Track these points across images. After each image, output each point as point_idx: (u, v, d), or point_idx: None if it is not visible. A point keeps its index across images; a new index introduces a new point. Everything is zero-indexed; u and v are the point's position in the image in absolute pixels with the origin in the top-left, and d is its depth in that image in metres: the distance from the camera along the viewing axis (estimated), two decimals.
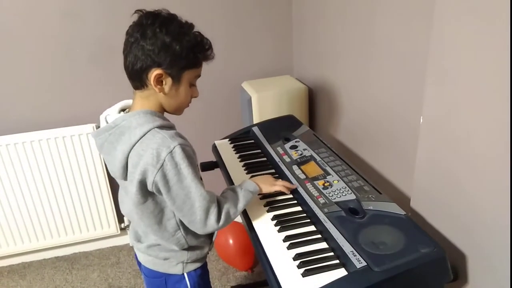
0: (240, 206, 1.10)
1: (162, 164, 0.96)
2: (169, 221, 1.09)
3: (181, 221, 1.09)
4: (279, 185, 1.23)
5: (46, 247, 2.25)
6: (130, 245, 1.27)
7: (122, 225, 2.32)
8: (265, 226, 1.16)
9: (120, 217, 2.31)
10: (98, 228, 2.26)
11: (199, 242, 1.16)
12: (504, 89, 0.82)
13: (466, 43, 0.91)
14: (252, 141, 1.68)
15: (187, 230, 1.10)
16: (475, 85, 0.91)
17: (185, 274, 1.17)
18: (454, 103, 0.98)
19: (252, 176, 1.34)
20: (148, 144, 0.97)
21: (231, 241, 2.10)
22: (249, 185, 1.16)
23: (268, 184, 1.21)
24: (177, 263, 1.15)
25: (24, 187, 2.07)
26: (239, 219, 1.18)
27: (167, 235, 1.10)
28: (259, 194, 1.21)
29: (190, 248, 1.15)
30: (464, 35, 0.91)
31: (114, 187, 2.23)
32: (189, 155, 1.00)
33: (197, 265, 1.19)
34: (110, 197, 2.20)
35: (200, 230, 1.06)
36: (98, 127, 2.06)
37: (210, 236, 1.21)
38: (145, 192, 1.03)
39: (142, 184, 1.01)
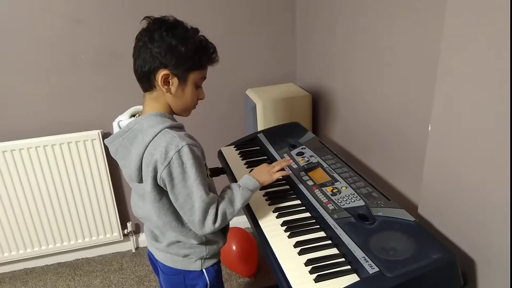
0: (237, 205, 1.12)
1: (169, 162, 1.00)
2: None
3: None
4: (278, 173, 1.23)
5: (48, 253, 2.24)
6: (147, 246, 1.29)
7: (125, 231, 2.32)
8: (275, 232, 1.17)
9: (124, 223, 2.31)
10: (101, 234, 2.26)
11: (215, 236, 1.19)
12: None
13: (476, 50, 0.93)
14: (258, 147, 1.69)
15: None
16: (484, 93, 0.93)
17: (204, 270, 1.21)
18: (463, 111, 1.00)
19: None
20: (159, 143, 1.02)
21: (234, 247, 2.10)
22: (249, 183, 1.17)
23: (267, 175, 1.23)
24: (196, 260, 1.19)
25: (28, 192, 2.06)
26: (246, 224, 1.18)
27: (185, 230, 1.13)
28: (262, 189, 1.25)
29: (207, 243, 1.18)
30: (473, 41, 0.93)
31: (118, 193, 2.23)
32: (196, 155, 1.03)
33: (214, 260, 1.23)
34: (113, 203, 2.20)
35: (198, 231, 1.09)
36: (103, 133, 2.07)
37: (224, 230, 1.24)
38: (159, 189, 1.07)
39: (156, 181, 1.05)
